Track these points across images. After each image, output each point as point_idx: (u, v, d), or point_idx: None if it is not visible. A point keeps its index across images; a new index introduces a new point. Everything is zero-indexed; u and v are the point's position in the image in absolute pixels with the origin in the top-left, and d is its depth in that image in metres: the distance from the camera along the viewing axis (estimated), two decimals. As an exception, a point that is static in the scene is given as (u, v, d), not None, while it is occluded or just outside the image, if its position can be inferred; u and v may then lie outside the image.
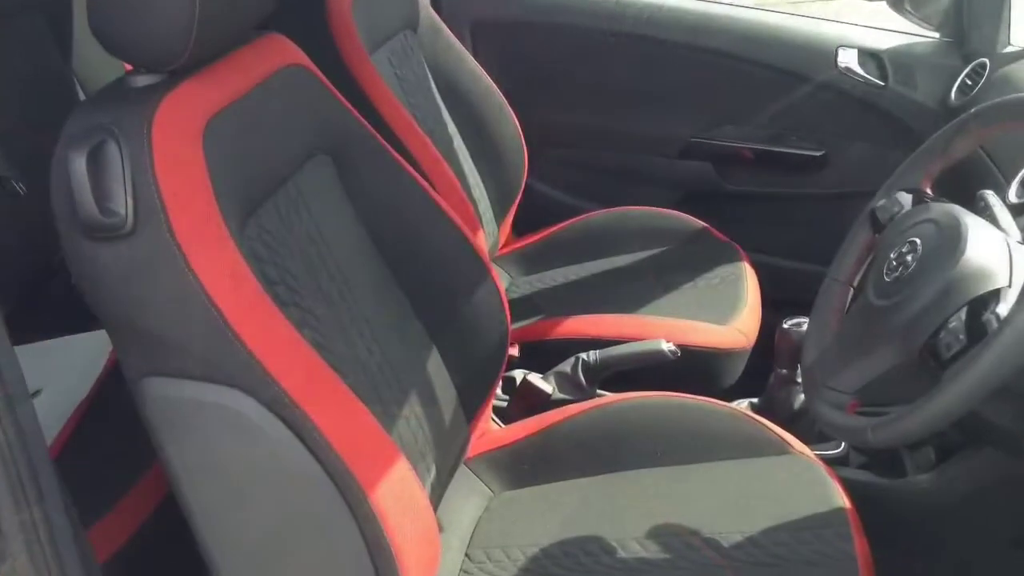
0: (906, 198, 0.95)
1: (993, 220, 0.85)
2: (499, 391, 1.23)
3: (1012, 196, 0.92)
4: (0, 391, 0.61)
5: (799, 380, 1.21)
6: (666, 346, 1.19)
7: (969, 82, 1.43)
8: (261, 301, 0.71)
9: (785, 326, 1.20)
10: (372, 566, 0.71)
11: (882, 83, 1.55)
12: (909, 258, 0.86)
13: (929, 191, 0.97)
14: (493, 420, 1.18)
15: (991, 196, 0.89)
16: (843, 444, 1.17)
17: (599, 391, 1.22)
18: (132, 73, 0.74)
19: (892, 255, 0.88)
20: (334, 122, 0.94)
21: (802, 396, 1.22)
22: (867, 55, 1.57)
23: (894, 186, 0.99)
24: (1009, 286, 0.77)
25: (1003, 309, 0.76)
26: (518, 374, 1.23)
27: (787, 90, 1.59)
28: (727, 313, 1.31)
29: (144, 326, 0.67)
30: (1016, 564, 0.99)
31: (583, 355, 1.22)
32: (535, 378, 1.21)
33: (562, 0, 1.68)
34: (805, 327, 1.11)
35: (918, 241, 0.86)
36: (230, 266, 0.69)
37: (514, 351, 1.29)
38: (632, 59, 1.66)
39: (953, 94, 1.44)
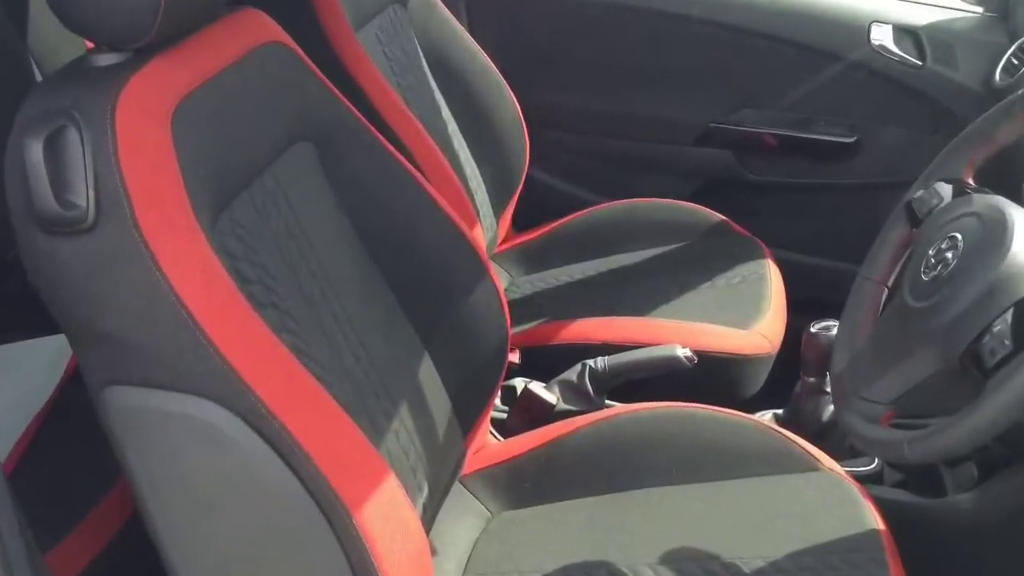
0: (946, 189, 0.95)
1: (1042, 213, 0.85)
2: (498, 401, 1.23)
3: (1063, 187, 0.92)
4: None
5: (828, 389, 1.20)
6: (681, 352, 1.19)
7: (1015, 61, 1.43)
8: (235, 302, 0.71)
9: (813, 330, 1.20)
10: (358, 594, 0.71)
11: (919, 62, 1.54)
12: (949, 255, 0.85)
13: (971, 181, 0.96)
14: (491, 433, 1.17)
15: (1040, 187, 0.89)
16: (876, 460, 1.17)
17: (608, 401, 1.22)
18: (94, 51, 0.73)
19: (930, 252, 0.88)
20: (317, 106, 0.94)
21: (831, 407, 1.21)
22: (903, 31, 1.56)
23: (933, 176, 0.99)
24: (1060, 286, 0.77)
25: (1053, 311, 0.75)
26: (519, 383, 1.23)
27: (815, 70, 1.59)
28: (749, 316, 1.31)
29: (106, 329, 0.66)
30: (1066, 592, 0.99)
31: (590, 362, 1.22)
32: (537, 387, 1.21)
33: (567, -29, 1.69)
34: (834, 331, 1.11)
35: (959, 236, 0.86)
36: (201, 263, 0.69)
37: (514, 357, 1.29)
38: (644, 35, 1.65)
39: (998, 74, 1.44)
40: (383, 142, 0.99)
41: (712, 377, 1.25)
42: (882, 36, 1.55)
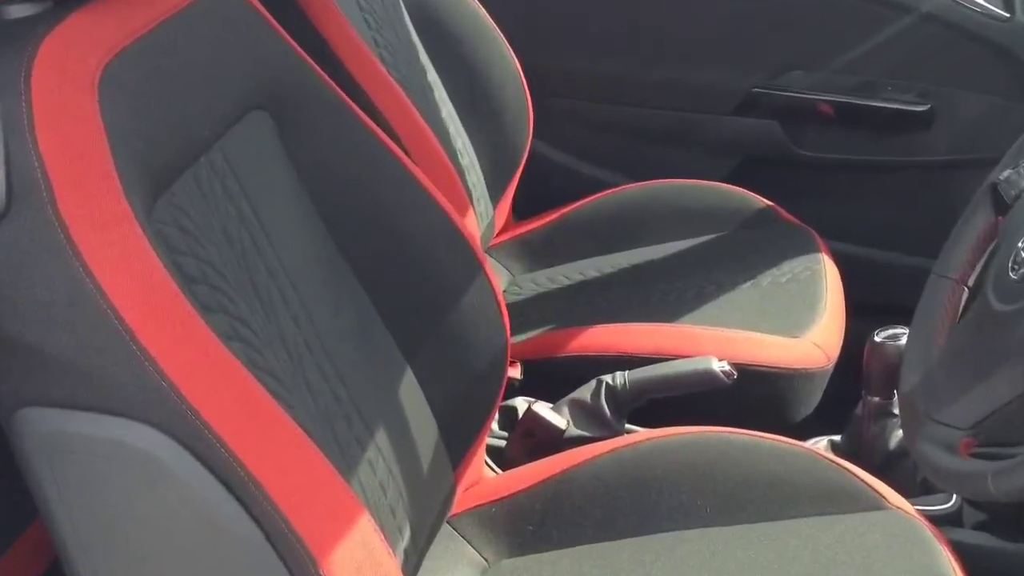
0: (1039, 168, 0.95)
1: None
2: (495, 426, 1.23)
3: None
4: None
5: (896, 411, 1.21)
6: (718, 366, 1.19)
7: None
8: (176, 305, 0.71)
9: (877, 339, 1.20)
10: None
11: (1007, 14, 1.55)
12: (1043, 248, 0.86)
13: (1069, 158, 0.97)
14: (487, 464, 1.18)
15: None
16: (954, 497, 1.17)
17: (628, 426, 1.22)
18: (3, 2, 0.73)
19: (1020, 244, 0.88)
20: (276, 67, 0.94)
21: (900, 432, 1.22)
22: (986, -24, 1.57)
23: (1023, 153, 0.99)
24: None
25: None
26: (520, 403, 1.24)
27: (879, 24, 1.59)
28: (799, 321, 1.32)
29: (19, 337, 0.66)
30: None
31: (607, 378, 1.22)
32: (543, 408, 1.22)
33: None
34: (904, 340, 1.11)
35: (1055, 225, 0.86)
36: (135, 258, 0.69)
37: (515, 372, 1.29)
38: (671, -15, 1.66)
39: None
40: (355, 111, 0.99)
41: (755, 396, 1.26)
42: (961, -18, 1.56)
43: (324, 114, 0.97)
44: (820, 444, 1.27)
